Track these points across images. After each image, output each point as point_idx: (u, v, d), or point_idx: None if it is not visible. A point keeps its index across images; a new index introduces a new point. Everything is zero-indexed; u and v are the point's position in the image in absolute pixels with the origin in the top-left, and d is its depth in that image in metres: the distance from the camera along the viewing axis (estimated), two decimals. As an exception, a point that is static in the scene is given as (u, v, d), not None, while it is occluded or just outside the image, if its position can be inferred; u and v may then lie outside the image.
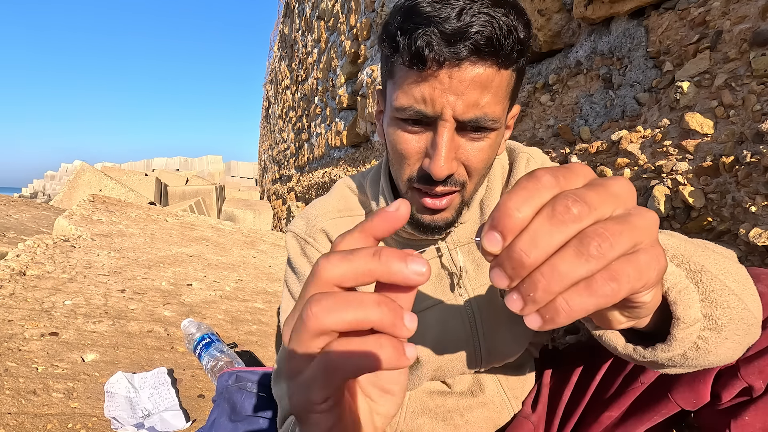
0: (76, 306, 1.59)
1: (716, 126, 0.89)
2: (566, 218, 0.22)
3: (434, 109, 0.47)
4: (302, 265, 0.64)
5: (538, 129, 1.40)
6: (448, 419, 0.65)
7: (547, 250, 0.22)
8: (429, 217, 0.55)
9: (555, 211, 0.22)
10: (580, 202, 0.22)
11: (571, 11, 1.24)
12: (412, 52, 0.45)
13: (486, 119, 0.48)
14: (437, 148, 0.48)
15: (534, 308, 0.23)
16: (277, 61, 8.29)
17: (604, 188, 0.23)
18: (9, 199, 4.50)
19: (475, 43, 0.44)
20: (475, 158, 0.51)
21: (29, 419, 0.94)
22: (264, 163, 12.10)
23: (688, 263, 0.38)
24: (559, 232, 0.22)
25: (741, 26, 0.84)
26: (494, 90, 0.47)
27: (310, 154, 5.16)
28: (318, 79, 4.53)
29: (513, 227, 0.23)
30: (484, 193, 0.65)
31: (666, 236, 0.42)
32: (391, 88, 0.51)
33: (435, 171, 0.48)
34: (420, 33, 0.44)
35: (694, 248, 0.40)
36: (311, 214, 0.65)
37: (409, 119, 0.50)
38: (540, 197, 0.23)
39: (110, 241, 2.68)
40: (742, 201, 0.84)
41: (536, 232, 0.22)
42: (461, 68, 0.45)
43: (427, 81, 0.46)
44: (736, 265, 0.41)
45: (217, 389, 1.11)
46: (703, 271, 0.37)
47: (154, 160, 28.12)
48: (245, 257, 3.10)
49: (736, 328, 0.37)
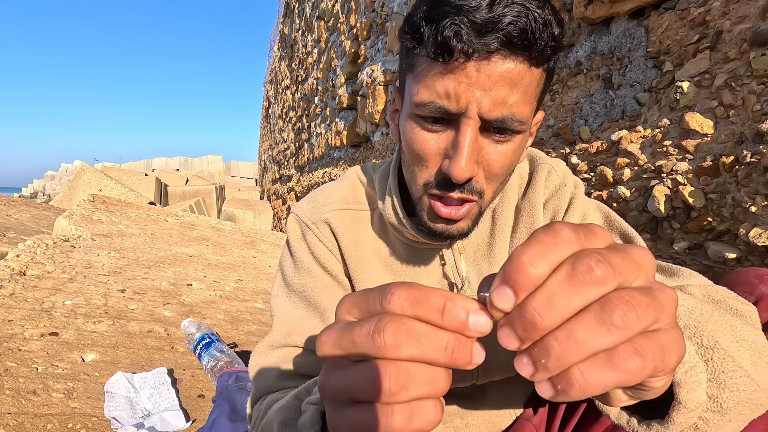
0: (76, 306, 1.59)
1: (716, 126, 0.89)
2: (588, 279, 0.20)
3: (458, 105, 0.44)
4: (301, 250, 0.62)
5: (539, 129, 1.40)
6: (447, 422, 0.64)
7: (564, 313, 0.20)
8: (443, 226, 0.51)
9: (576, 270, 0.20)
10: (605, 264, 0.20)
11: (571, 11, 1.24)
12: (438, 42, 0.42)
13: (513, 120, 0.44)
14: (459, 147, 0.44)
15: (545, 375, 0.21)
16: (277, 61, 8.29)
17: (627, 254, 0.21)
18: (9, 199, 4.50)
19: (507, 34, 0.40)
20: (497, 163, 0.47)
21: (29, 419, 0.94)
22: (264, 163, 12.11)
23: (701, 337, 0.35)
24: (579, 295, 0.20)
25: (741, 26, 0.84)
26: (524, 88, 0.44)
27: (310, 154, 5.16)
28: (318, 79, 4.53)
29: (527, 284, 0.21)
30: (498, 202, 0.61)
31: (683, 296, 0.39)
32: (411, 83, 0.48)
33: (455, 172, 0.45)
34: (448, 22, 0.41)
35: (710, 314, 0.37)
36: (318, 200, 0.63)
37: (429, 117, 0.46)
38: (558, 253, 0.21)
39: (110, 241, 2.68)
40: (742, 201, 0.84)
41: (553, 292, 0.20)
42: (490, 62, 0.42)
43: (452, 74, 0.43)
44: (754, 332, 0.39)
45: (217, 389, 1.11)
46: (715, 348, 0.34)
47: (154, 160, 28.13)
48: (245, 257, 3.10)
49: (743, 409, 0.34)
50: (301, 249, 0.62)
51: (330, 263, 0.61)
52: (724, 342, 0.35)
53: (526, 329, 0.21)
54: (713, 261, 0.92)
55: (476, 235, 0.61)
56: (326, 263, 0.61)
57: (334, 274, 0.62)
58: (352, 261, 0.61)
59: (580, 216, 0.59)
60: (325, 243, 0.61)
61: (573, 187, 0.61)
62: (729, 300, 0.44)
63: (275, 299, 0.63)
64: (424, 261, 0.61)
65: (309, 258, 0.61)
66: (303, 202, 0.65)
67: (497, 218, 0.61)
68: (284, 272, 0.64)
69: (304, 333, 0.58)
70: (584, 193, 0.63)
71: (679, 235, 0.99)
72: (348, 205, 0.63)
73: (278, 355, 0.58)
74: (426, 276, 0.61)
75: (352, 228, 0.62)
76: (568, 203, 0.60)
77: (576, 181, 0.62)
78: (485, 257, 0.61)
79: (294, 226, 0.63)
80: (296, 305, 0.61)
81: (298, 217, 0.63)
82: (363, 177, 0.66)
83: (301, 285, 0.61)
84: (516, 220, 0.61)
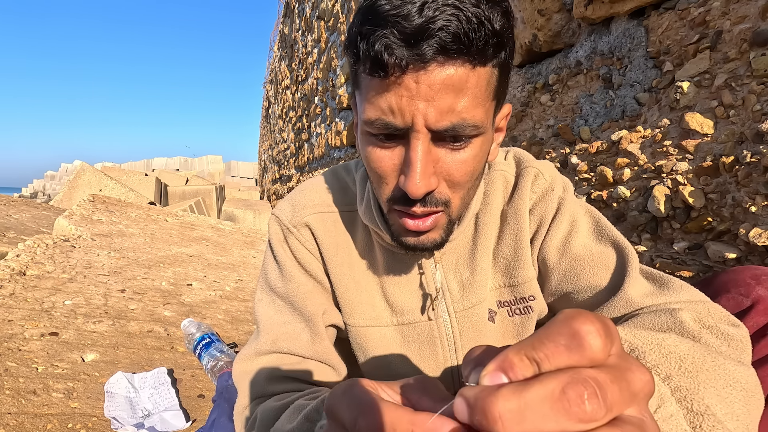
0: (76, 306, 1.59)
1: (716, 126, 0.89)
2: (574, 412, 0.17)
3: (404, 120, 0.42)
4: (283, 254, 0.61)
5: (538, 129, 1.40)
6: None
7: (530, 430, 0.18)
8: (414, 239, 0.49)
9: (564, 395, 0.17)
10: (598, 401, 0.17)
11: (571, 11, 1.24)
12: (371, 58, 0.40)
13: (465, 126, 0.42)
14: (411, 163, 0.42)
15: None
16: (277, 61, 8.29)
17: (627, 383, 0.19)
18: (9, 199, 4.50)
19: (439, 41, 0.38)
20: (458, 171, 0.45)
21: (29, 419, 0.94)
22: (264, 163, 12.11)
23: (692, 402, 0.35)
24: (556, 422, 0.17)
25: (741, 26, 0.84)
26: (471, 91, 0.41)
27: (310, 154, 5.16)
28: (318, 79, 4.53)
29: (520, 374, 0.19)
30: (480, 207, 0.59)
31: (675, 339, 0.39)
32: (359, 100, 0.46)
33: (410, 189, 0.43)
34: (378, 35, 0.39)
35: (702, 360, 0.37)
36: (299, 202, 0.62)
37: (379, 134, 0.44)
38: (570, 360, 0.19)
39: (110, 241, 2.68)
40: (742, 201, 0.84)
41: (529, 406, 0.17)
42: (428, 71, 0.40)
43: (391, 89, 0.41)
44: (745, 371, 0.38)
45: (217, 389, 1.11)
46: (705, 414, 0.34)
47: (154, 160, 28.15)
48: (245, 257, 3.10)
49: None
50: (284, 253, 0.61)
51: (312, 266, 0.61)
52: (715, 408, 0.35)
53: (482, 425, 0.18)
54: (713, 261, 0.92)
55: (457, 242, 0.59)
56: (308, 266, 0.60)
57: (317, 277, 0.61)
58: (333, 265, 0.60)
59: (568, 221, 0.57)
60: (306, 246, 0.60)
61: (561, 190, 0.58)
62: (721, 325, 0.43)
63: (259, 304, 0.62)
64: (405, 269, 0.60)
65: (292, 262, 0.61)
66: (284, 203, 0.64)
67: (480, 225, 0.59)
68: (267, 276, 0.63)
69: (290, 339, 0.57)
70: (576, 196, 0.61)
71: (679, 235, 0.99)
72: (329, 207, 0.62)
73: (266, 361, 0.57)
74: (405, 284, 0.60)
75: (334, 232, 0.61)
76: (556, 209, 0.58)
77: (565, 183, 0.60)
78: (467, 265, 0.59)
79: (276, 229, 0.62)
80: (280, 310, 0.60)
81: (280, 220, 0.62)
82: (347, 176, 0.64)
83: (284, 289, 0.60)
84: (501, 226, 0.60)
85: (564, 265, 0.56)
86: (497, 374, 0.19)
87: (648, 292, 0.50)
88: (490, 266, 0.60)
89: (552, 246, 0.57)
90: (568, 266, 0.56)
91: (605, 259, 0.54)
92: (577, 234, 0.56)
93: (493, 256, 0.60)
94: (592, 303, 0.53)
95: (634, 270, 0.51)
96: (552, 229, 0.57)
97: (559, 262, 0.56)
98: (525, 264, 0.58)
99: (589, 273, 0.54)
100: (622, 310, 0.50)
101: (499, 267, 0.60)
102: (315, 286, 0.61)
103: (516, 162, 0.62)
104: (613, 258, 0.54)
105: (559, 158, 1.31)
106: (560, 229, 0.57)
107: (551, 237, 0.57)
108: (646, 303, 0.49)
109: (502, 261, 0.60)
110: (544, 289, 0.59)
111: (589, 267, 0.54)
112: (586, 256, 0.55)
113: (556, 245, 0.57)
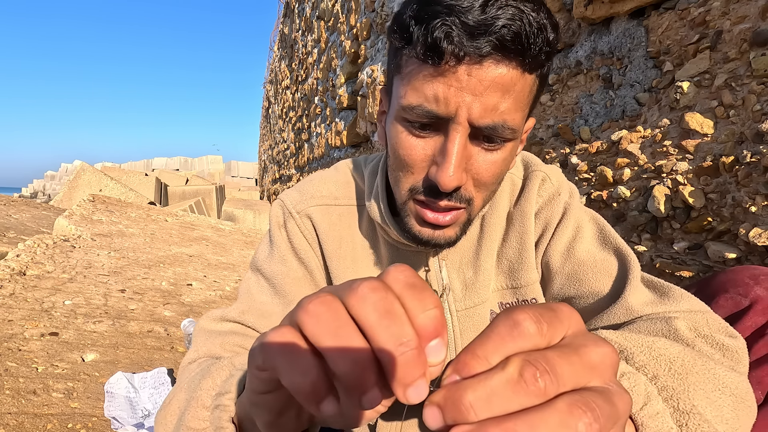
0: (76, 306, 1.59)
1: (716, 126, 0.89)
2: (530, 390, 0.20)
3: (447, 110, 0.42)
4: (279, 237, 0.61)
5: (538, 129, 1.40)
6: None
7: (498, 413, 0.20)
8: (429, 232, 0.49)
9: (521, 377, 0.20)
10: (550, 376, 0.20)
11: (571, 11, 1.24)
12: (428, 44, 0.40)
13: (504, 127, 0.43)
14: (447, 154, 0.43)
15: None
16: (277, 61, 8.29)
17: (580, 357, 0.21)
18: (9, 199, 4.50)
19: (500, 38, 0.39)
20: (487, 171, 0.45)
21: (29, 419, 0.94)
22: (264, 163, 12.11)
23: (678, 401, 0.35)
24: (518, 401, 0.20)
25: (741, 26, 0.84)
26: (516, 95, 0.42)
27: (310, 154, 5.16)
28: (318, 79, 4.53)
29: (473, 372, 0.21)
30: (487, 209, 0.59)
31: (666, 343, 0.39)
32: (399, 85, 0.46)
33: (443, 180, 0.43)
34: (438, 23, 0.39)
35: (692, 364, 0.37)
36: (307, 191, 0.62)
37: (416, 121, 0.44)
38: (514, 347, 0.21)
39: (110, 241, 2.68)
40: (742, 201, 0.84)
41: (494, 392, 0.20)
42: (482, 66, 0.40)
43: (442, 77, 0.41)
44: (737, 378, 0.39)
45: (217, 389, 1.11)
46: (692, 413, 0.34)
47: (154, 160, 28.16)
48: (245, 257, 3.09)
49: None
50: (280, 236, 0.61)
51: (307, 255, 0.60)
52: (702, 407, 0.35)
53: (456, 419, 0.20)
54: (713, 261, 0.92)
55: (462, 242, 0.59)
56: (303, 254, 0.60)
57: (309, 267, 0.60)
58: (334, 259, 0.60)
59: (573, 227, 0.57)
60: (305, 235, 0.60)
61: (568, 196, 0.59)
62: (717, 335, 0.43)
63: (244, 280, 0.62)
64: (409, 265, 0.59)
65: (286, 246, 0.60)
66: (292, 190, 0.64)
67: (486, 226, 0.59)
68: (258, 256, 0.63)
69: (259, 316, 0.57)
70: (581, 200, 0.61)
71: (679, 235, 0.99)
72: (336, 200, 0.62)
73: (227, 327, 0.56)
74: None
75: (338, 225, 0.61)
76: (562, 214, 0.58)
77: (571, 189, 0.60)
78: (470, 265, 0.59)
79: (277, 212, 0.62)
80: (262, 290, 0.60)
81: (283, 204, 0.62)
82: (355, 171, 0.64)
83: (271, 271, 0.60)
84: (507, 228, 0.60)
85: (567, 269, 0.56)
86: (453, 377, 0.21)
87: (648, 301, 0.50)
88: (494, 267, 0.60)
89: (556, 250, 0.57)
90: (571, 271, 0.56)
91: (608, 266, 0.54)
92: (581, 240, 0.56)
93: (497, 258, 0.60)
94: (593, 309, 0.53)
95: (635, 278, 0.51)
96: (557, 233, 0.57)
97: (562, 267, 0.57)
98: (529, 267, 0.58)
99: (592, 279, 0.54)
100: (622, 317, 0.50)
101: (503, 269, 0.60)
102: (304, 274, 0.61)
103: (524, 165, 0.62)
104: (616, 265, 0.54)
105: (559, 158, 1.31)
106: (565, 234, 0.57)
107: (556, 241, 0.57)
108: (645, 311, 0.49)
109: (506, 263, 0.60)
110: (547, 293, 0.59)
111: (591, 273, 0.54)
112: (589, 262, 0.55)
113: (561, 250, 0.57)
